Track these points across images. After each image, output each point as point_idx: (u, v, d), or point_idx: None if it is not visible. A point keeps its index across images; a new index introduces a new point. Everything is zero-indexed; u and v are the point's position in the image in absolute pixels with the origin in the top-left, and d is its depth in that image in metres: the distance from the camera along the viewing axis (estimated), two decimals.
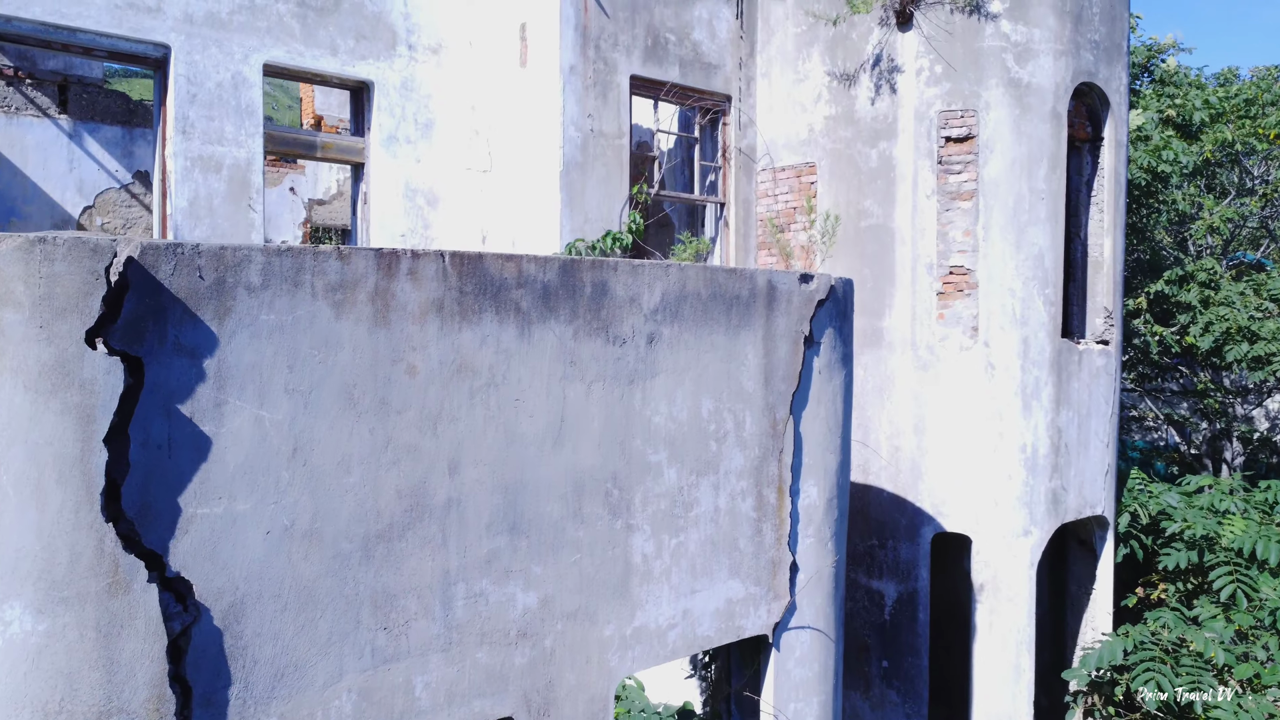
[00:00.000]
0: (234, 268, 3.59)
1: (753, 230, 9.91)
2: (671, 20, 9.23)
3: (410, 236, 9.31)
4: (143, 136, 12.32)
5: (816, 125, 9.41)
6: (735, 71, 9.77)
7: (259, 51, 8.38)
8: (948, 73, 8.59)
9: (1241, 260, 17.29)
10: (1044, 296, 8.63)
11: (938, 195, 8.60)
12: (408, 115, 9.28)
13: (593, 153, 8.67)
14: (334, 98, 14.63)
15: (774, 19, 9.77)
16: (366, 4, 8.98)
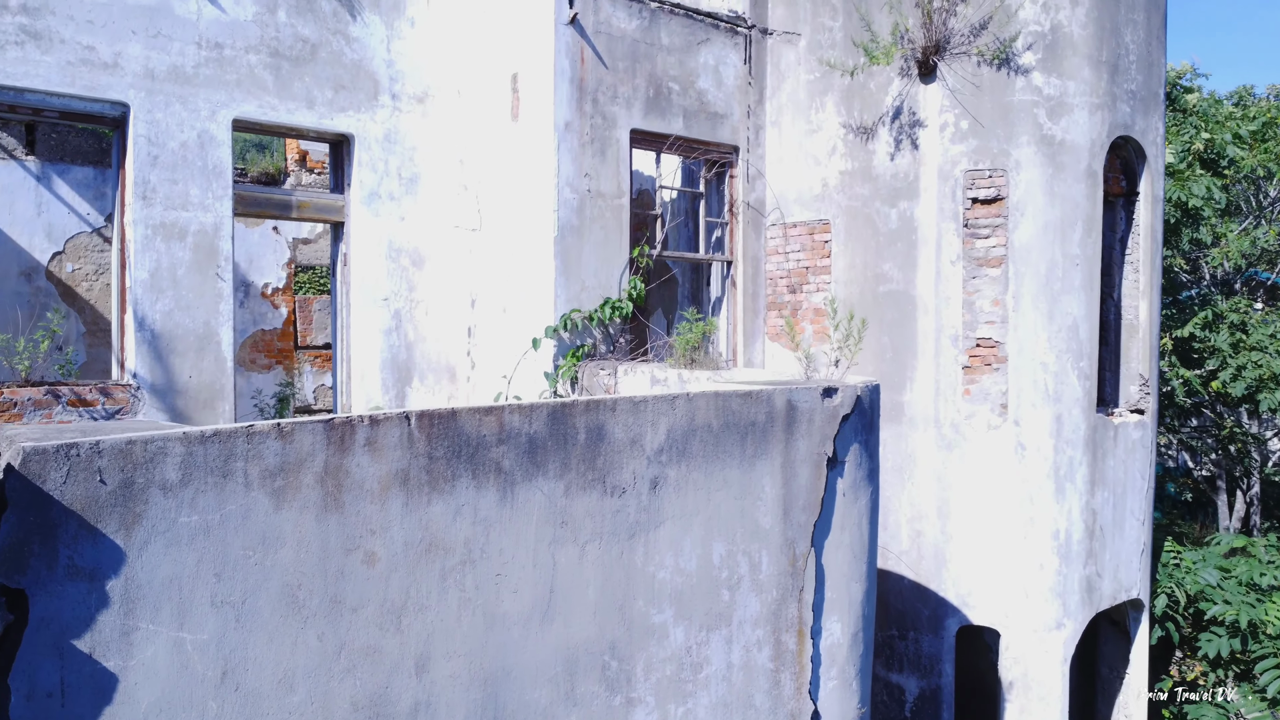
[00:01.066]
0: (145, 465, 2.92)
1: (762, 289, 9.25)
2: (675, 68, 8.57)
3: (394, 300, 8.65)
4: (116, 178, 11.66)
5: (831, 180, 8.75)
6: (743, 120, 9.10)
7: (227, 107, 7.72)
8: (974, 129, 7.93)
9: (1255, 277, 16.67)
10: (1078, 370, 7.97)
11: (963, 261, 7.94)
12: (391, 170, 8.62)
13: (590, 215, 8.01)
14: None
15: (785, 64, 9.11)
16: (346, 51, 8.32)
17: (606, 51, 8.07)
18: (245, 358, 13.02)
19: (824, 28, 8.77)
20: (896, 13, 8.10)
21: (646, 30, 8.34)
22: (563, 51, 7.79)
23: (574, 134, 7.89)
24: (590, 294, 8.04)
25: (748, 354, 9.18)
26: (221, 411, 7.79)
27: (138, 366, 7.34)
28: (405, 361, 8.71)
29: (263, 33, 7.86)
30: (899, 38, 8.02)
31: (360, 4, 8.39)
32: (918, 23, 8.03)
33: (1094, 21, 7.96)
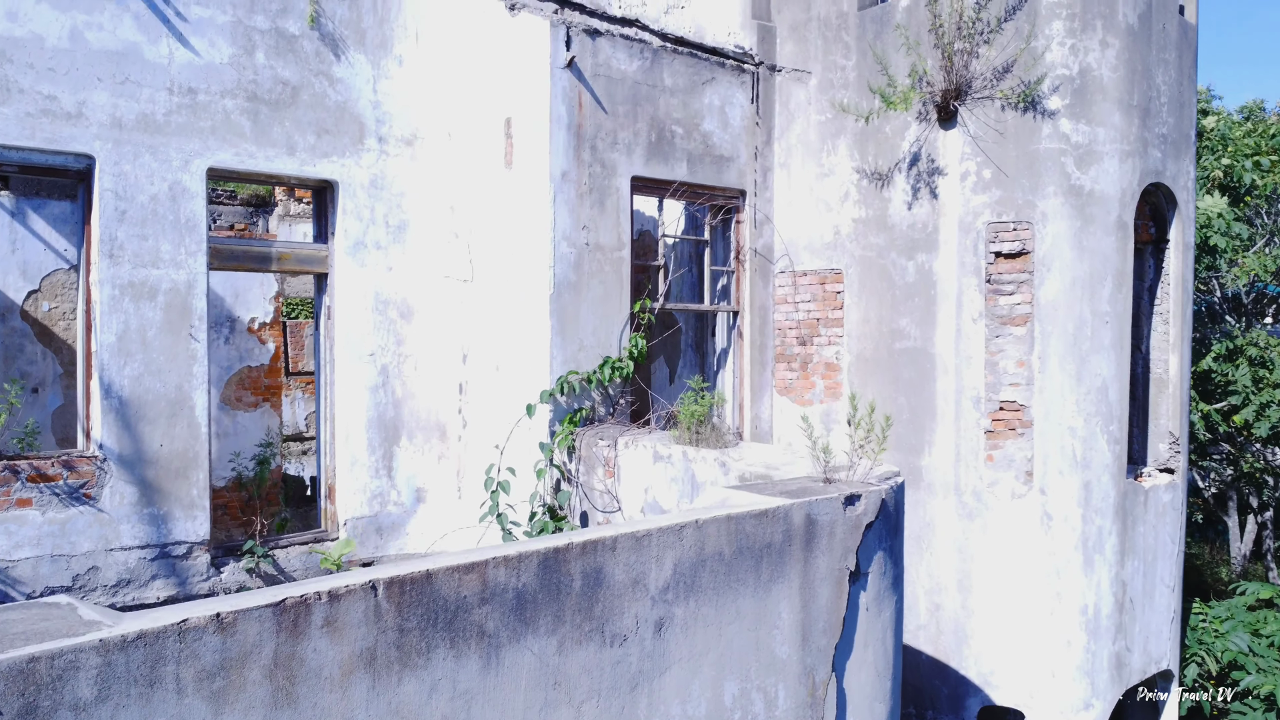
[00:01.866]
0: (52, 685, 2.43)
1: (770, 340, 8.77)
2: (679, 110, 8.08)
3: (380, 354, 8.16)
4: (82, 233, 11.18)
5: (844, 228, 8.27)
6: (750, 163, 8.62)
7: (202, 156, 7.23)
8: (998, 178, 7.44)
9: (1265, 292, 16.22)
10: (1108, 434, 7.49)
11: (986, 319, 7.46)
12: (378, 217, 8.13)
13: (588, 270, 7.53)
14: None
15: (794, 103, 8.62)
16: (329, 94, 7.84)
17: (606, 95, 7.59)
18: (231, 396, 12.53)
19: (836, 66, 8.29)
20: (914, 54, 7.62)
21: (648, 71, 7.85)
22: (559, 97, 7.30)
23: (571, 184, 7.40)
24: (588, 354, 7.55)
25: (755, 409, 8.70)
26: (195, 481, 7.31)
27: (104, 436, 6.86)
28: (393, 419, 8.23)
29: (240, 76, 7.38)
30: (917, 81, 7.54)
31: (344, 43, 7.91)
32: (937, 64, 7.55)
33: (1125, 64, 7.48)
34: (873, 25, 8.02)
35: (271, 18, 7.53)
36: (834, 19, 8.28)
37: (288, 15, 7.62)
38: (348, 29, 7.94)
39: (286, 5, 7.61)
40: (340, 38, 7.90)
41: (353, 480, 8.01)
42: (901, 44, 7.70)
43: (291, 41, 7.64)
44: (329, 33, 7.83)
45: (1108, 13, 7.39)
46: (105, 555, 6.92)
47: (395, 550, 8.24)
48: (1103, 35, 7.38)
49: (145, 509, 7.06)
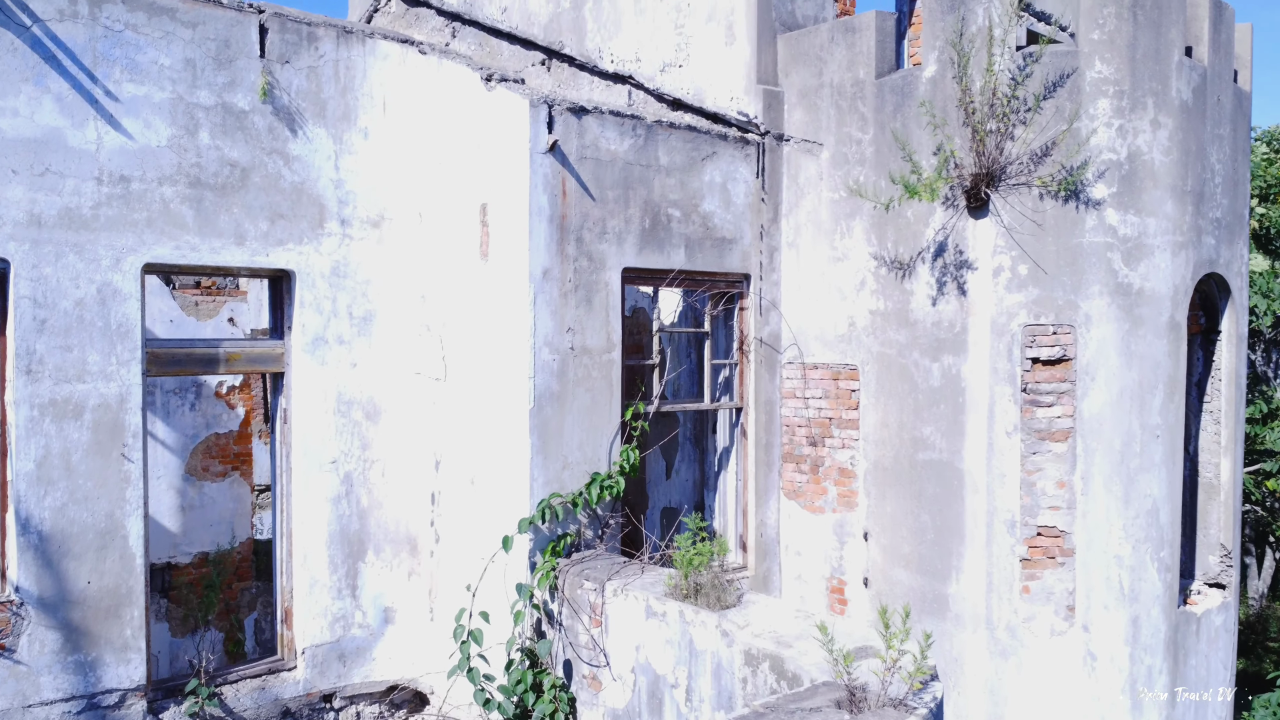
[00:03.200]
0: None
1: (777, 438, 7.92)
2: (675, 191, 7.24)
3: (344, 461, 7.32)
4: None
5: (859, 319, 7.43)
6: (755, 243, 7.78)
7: (136, 252, 6.40)
8: (1035, 275, 6.60)
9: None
10: (1159, 561, 6.66)
11: (1022, 433, 6.62)
12: (340, 308, 7.29)
13: (573, 377, 6.69)
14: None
15: (804, 177, 7.78)
16: (284, 174, 6.99)
17: (593, 180, 6.75)
18: (197, 466, 11.69)
19: (851, 139, 7.44)
20: (940, 134, 6.78)
21: (641, 150, 7.01)
22: (539, 185, 6.46)
23: (553, 282, 6.56)
24: (574, 471, 6.71)
25: (760, 514, 7.85)
26: (129, 619, 6.46)
27: (21, 577, 6.02)
28: (358, 532, 7.38)
29: (180, 160, 6.54)
30: (943, 165, 6.70)
31: (302, 116, 7.07)
32: (966, 145, 6.71)
33: (1178, 145, 6.64)
34: (892, 96, 7.18)
35: (217, 92, 6.69)
36: (849, 87, 7.44)
37: (236, 89, 6.78)
38: (306, 100, 7.10)
39: (234, 78, 6.77)
40: (297, 111, 7.06)
41: (312, 603, 7.17)
42: (926, 121, 6.85)
43: (240, 118, 6.80)
44: (284, 106, 6.99)
45: (1160, 89, 6.55)
46: (23, 713, 6.08)
47: (360, 678, 7.40)
48: (1154, 114, 6.54)
49: (70, 656, 6.22)
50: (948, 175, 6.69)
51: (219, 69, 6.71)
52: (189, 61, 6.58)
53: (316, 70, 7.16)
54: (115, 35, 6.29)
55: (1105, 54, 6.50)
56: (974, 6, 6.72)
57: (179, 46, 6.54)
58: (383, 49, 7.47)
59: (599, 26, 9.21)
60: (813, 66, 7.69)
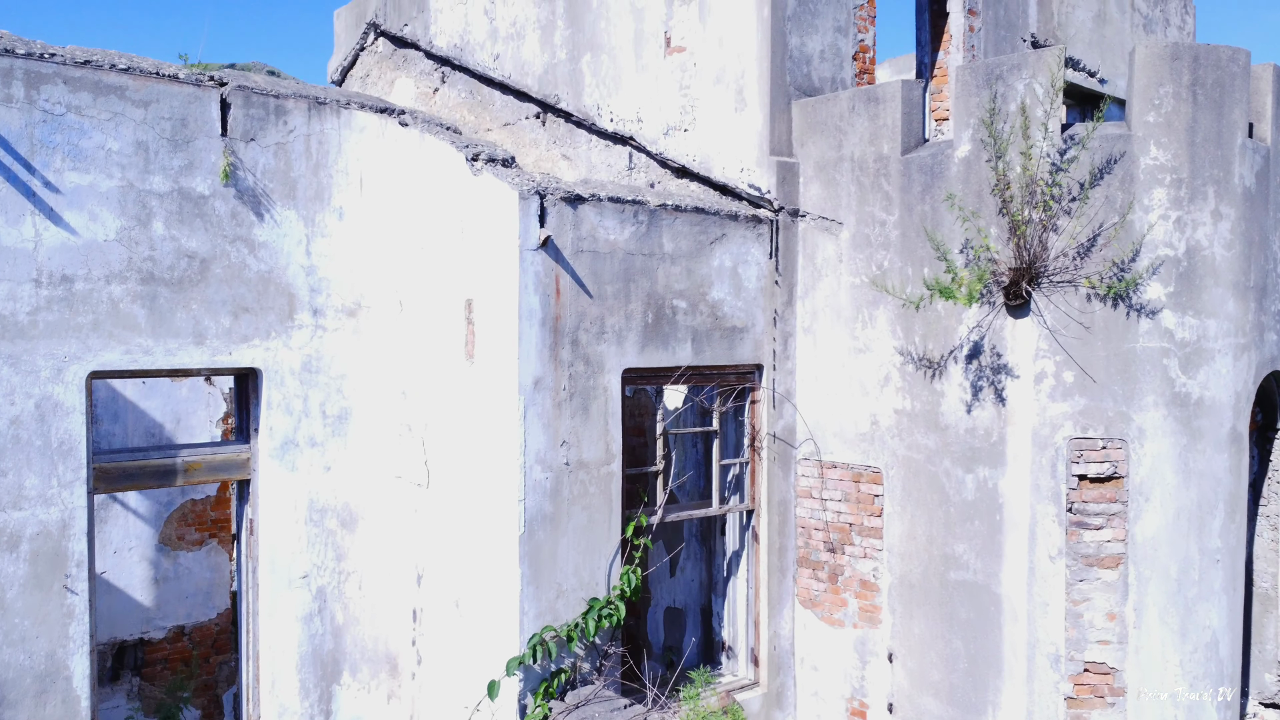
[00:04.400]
0: None
1: (791, 541, 7.25)
2: (681, 280, 6.57)
3: (316, 575, 6.66)
4: None
5: (883, 418, 6.76)
6: (769, 330, 7.11)
7: (81, 359, 5.73)
8: (1082, 383, 5.93)
9: None
10: (1218, 700, 5.99)
11: (1067, 557, 5.95)
12: (312, 407, 6.63)
13: (569, 495, 6.02)
14: None
15: (822, 258, 7.11)
16: (250, 263, 6.33)
17: (591, 275, 6.08)
18: (172, 535, 11.01)
19: (873, 220, 6.77)
20: (973, 225, 6.11)
21: (644, 238, 6.34)
22: (530, 286, 5.79)
23: (546, 392, 5.89)
24: (569, 599, 6.04)
25: (773, 624, 7.18)
26: None
27: None
28: (332, 652, 6.72)
29: (131, 254, 5.88)
30: (979, 258, 6.03)
31: (269, 198, 6.40)
32: (1003, 234, 6.04)
33: (1240, 237, 5.97)
34: (920, 176, 6.51)
35: (173, 177, 6.02)
36: (871, 162, 6.77)
37: (194, 172, 6.11)
38: (273, 180, 6.43)
39: (193, 160, 6.10)
40: (264, 192, 6.40)
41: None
42: (957, 209, 6.18)
43: (199, 204, 6.13)
44: (249, 188, 6.32)
45: (1221, 176, 5.88)
46: None
47: None
48: (1215, 204, 5.87)
49: None
50: (981, 270, 6.02)
51: (175, 151, 6.04)
52: (141, 144, 5.91)
53: (285, 146, 6.50)
54: (55, 120, 5.63)
55: (1161, 138, 5.83)
56: (1012, 82, 6.05)
57: (129, 128, 5.87)
58: (359, 120, 6.80)
59: (598, 82, 8.54)
60: (831, 138, 7.02)
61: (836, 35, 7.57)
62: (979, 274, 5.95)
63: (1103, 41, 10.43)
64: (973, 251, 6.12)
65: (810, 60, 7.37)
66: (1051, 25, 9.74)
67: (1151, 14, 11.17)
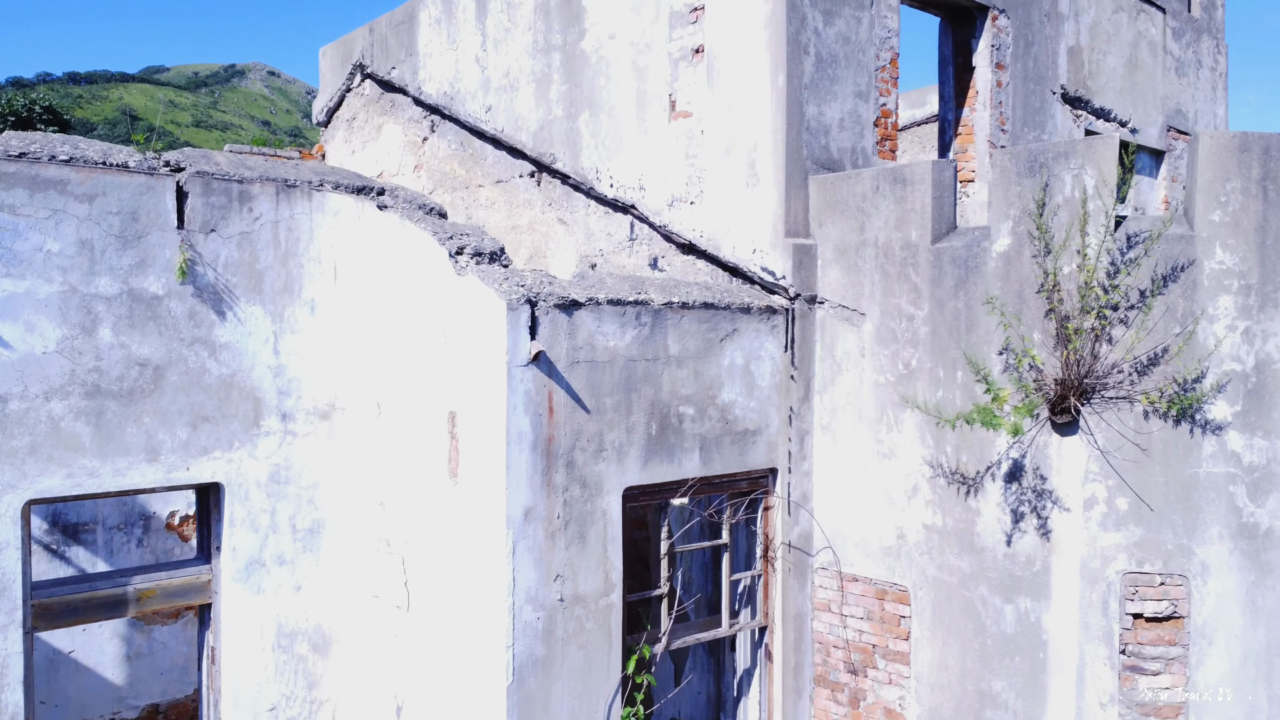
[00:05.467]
0: None
1: (807, 658, 6.62)
2: (689, 383, 5.94)
3: (286, 706, 6.03)
4: None
5: (911, 532, 6.13)
6: (783, 429, 6.48)
7: (16, 487, 5.11)
8: (1138, 511, 5.31)
9: None
10: None
11: (1120, 705, 5.32)
12: (281, 521, 6.00)
13: (563, 634, 5.39)
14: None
15: (842, 349, 6.48)
16: (210, 367, 5.71)
17: (588, 387, 5.45)
18: None
19: (900, 313, 6.14)
20: (1014, 333, 5.48)
21: (647, 342, 5.71)
22: (519, 406, 5.16)
23: (538, 523, 5.26)
24: None
25: None
26: None
27: None
28: None
29: (74, 366, 5.25)
30: (1020, 368, 5.40)
31: (232, 294, 5.78)
32: (1048, 341, 5.42)
33: None
34: (953, 269, 5.88)
35: (122, 278, 5.40)
36: (897, 250, 6.14)
37: (147, 270, 5.48)
38: (237, 274, 5.81)
39: (145, 257, 5.47)
40: (226, 288, 5.77)
41: None
42: (999, 311, 5.55)
43: (153, 306, 5.51)
44: (209, 284, 5.70)
45: None
46: None
47: None
48: None
49: None
50: (1024, 383, 5.39)
51: (124, 249, 5.41)
52: (85, 243, 5.28)
53: (250, 236, 5.87)
54: None
55: (1228, 239, 5.20)
56: (1060, 172, 5.42)
57: (71, 226, 5.24)
58: (333, 203, 6.17)
59: (597, 143, 7.91)
60: (852, 219, 6.39)
61: (857, 101, 6.94)
62: (1023, 391, 5.32)
63: (1134, 88, 9.80)
64: (1014, 359, 5.49)
65: (829, 130, 6.74)
66: (1082, 75, 9.11)
67: (1184, 56, 10.54)
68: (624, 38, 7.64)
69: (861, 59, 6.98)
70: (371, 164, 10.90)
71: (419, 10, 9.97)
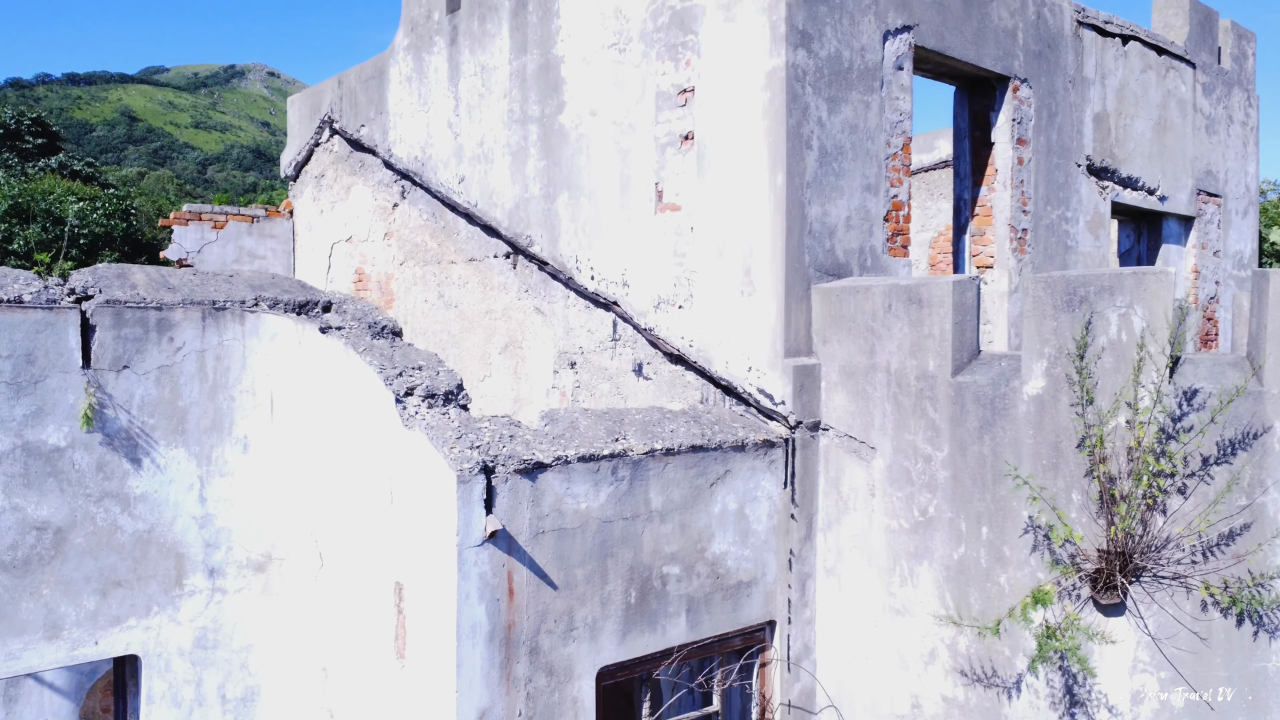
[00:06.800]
0: None
1: None
2: (674, 539, 5.18)
3: None
4: None
5: (928, 703, 5.37)
6: (782, 575, 5.72)
7: None
8: (1196, 711, 4.55)
9: None
10: None
11: None
12: (208, 693, 5.25)
13: None
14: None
15: (848, 485, 5.73)
16: (123, 523, 4.96)
17: (556, 560, 4.69)
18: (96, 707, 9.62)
19: (915, 452, 5.38)
20: (1045, 507, 4.72)
21: (625, 498, 4.96)
22: (473, 594, 4.40)
23: None
24: None
25: None
26: None
27: None
28: None
29: None
30: (1056, 548, 4.65)
31: (150, 438, 5.03)
32: (1088, 505, 4.66)
33: None
34: (977, 408, 5.12)
35: (14, 431, 4.65)
36: (912, 379, 5.38)
37: (45, 420, 4.73)
38: (155, 414, 5.06)
39: (43, 404, 4.72)
40: (142, 431, 5.02)
41: None
42: (1028, 488, 4.79)
43: (53, 460, 4.75)
44: (121, 429, 4.94)
45: None
46: None
47: None
48: None
49: None
50: (1063, 563, 4.64)
51: (18, 397, 4.66)
52: None
53: (172, 370, 5.12)
54: None
55: None
56: (1104, 309, 4.66)
57: None
58: (269, 325, 5.42)
59: (576, 228, 7.16)
60: (861, 339, 5.64)
61: (865, 195, 6.19)
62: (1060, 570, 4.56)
63: (1162, 152, 9.05)
64: (1044, 527, 4.74)
65: (834, 231, 5.99)
66: (1109, 143, 8.35)
67: (1214, 112, 9.78)
68: (606, 115, 6.89)
69: (870, 148, 6.22)
70: (341, 227, 10.15)
71: (389, 66, 9.22)
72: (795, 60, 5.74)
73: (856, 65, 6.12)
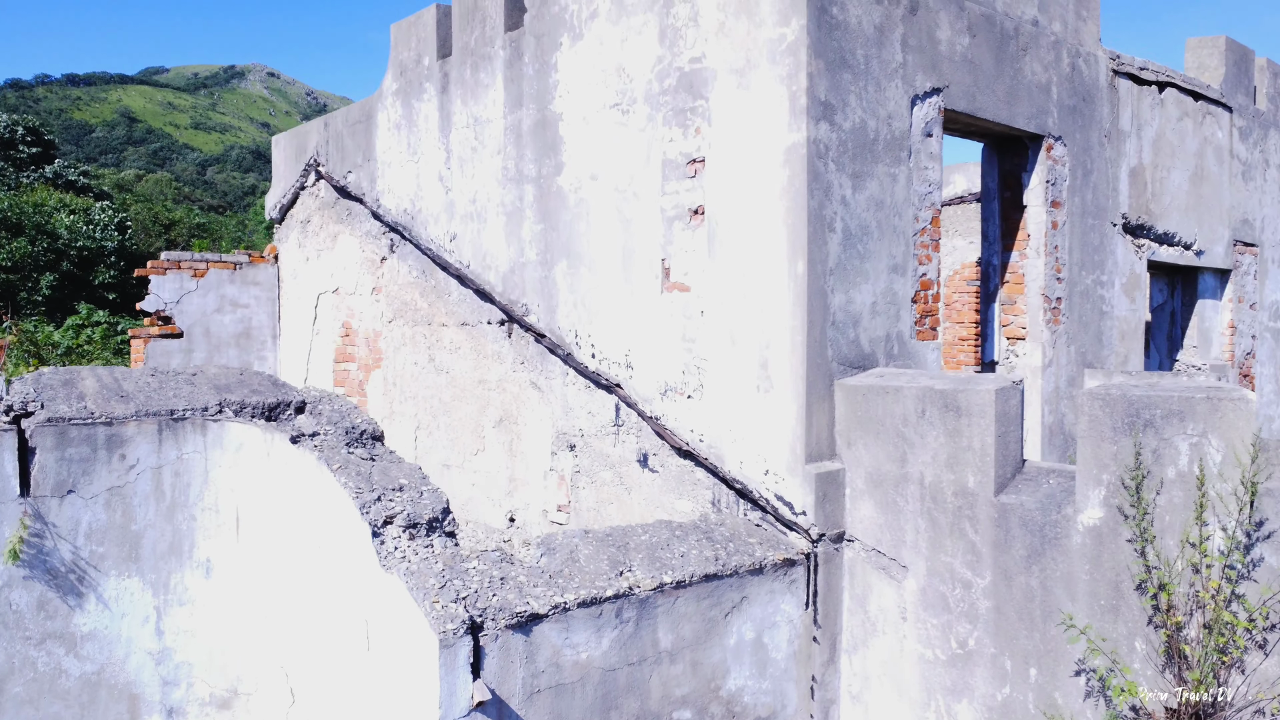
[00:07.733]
0: None
1: None
2: (685, 680, 4.64)
3: None
4: None
5: None
6: (804, 705, 5.18)
7: None
8: None
9: None
10: None
11: None
12: None
13: None
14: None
15: (877, 605, 5.19)
16: (68, 667, 4.47)
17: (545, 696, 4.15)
18: None
19: (953, 575, 4.84)
20: (1105, 653, 4.18)
21: (631, 641, 4.41)
22: None
23: None
24: None
25: None
26: None
27: None
28: None
29: None
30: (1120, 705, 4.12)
31: (98, 569, 4.49)
32: (1153, 656, 4.13)
33: None
34: (1025, 534, 4.58)
35: None
36: (949, 495, 4.85)
37: None
38: (105, 542, 4.52)
39: None
40: (89, 562, 4.48)
41: None
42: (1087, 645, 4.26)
43: None
44: (64, 562, 4.41)
45: None
46: None
47: None
48: None
49: None
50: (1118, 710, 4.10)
51: None
52: None
53: (123, 491, 4.58)
54: None
55: None
56: (1171, 436, 4.13)
57: None
58: (234, 436, 4.88)
59: (576, 299, 6.63)
60: (890, 445, 5.10)
61: (892, 277, 5.65)
62: None
63: (1199, 204, 8.51)
64: (1101, 676, 4.20)
65: (858, 320, 5.45)
66: (1144, 198, 7.81)
67: (1251, 157, 9.24)
68: (608, 181, 6.35)
69: (897, 224, 5.68)
70: (327, 277, 9.61)
71: (377, 111, 8.68)
72: (817, 135, 5.20)
73: (883, 135, 5.58)
